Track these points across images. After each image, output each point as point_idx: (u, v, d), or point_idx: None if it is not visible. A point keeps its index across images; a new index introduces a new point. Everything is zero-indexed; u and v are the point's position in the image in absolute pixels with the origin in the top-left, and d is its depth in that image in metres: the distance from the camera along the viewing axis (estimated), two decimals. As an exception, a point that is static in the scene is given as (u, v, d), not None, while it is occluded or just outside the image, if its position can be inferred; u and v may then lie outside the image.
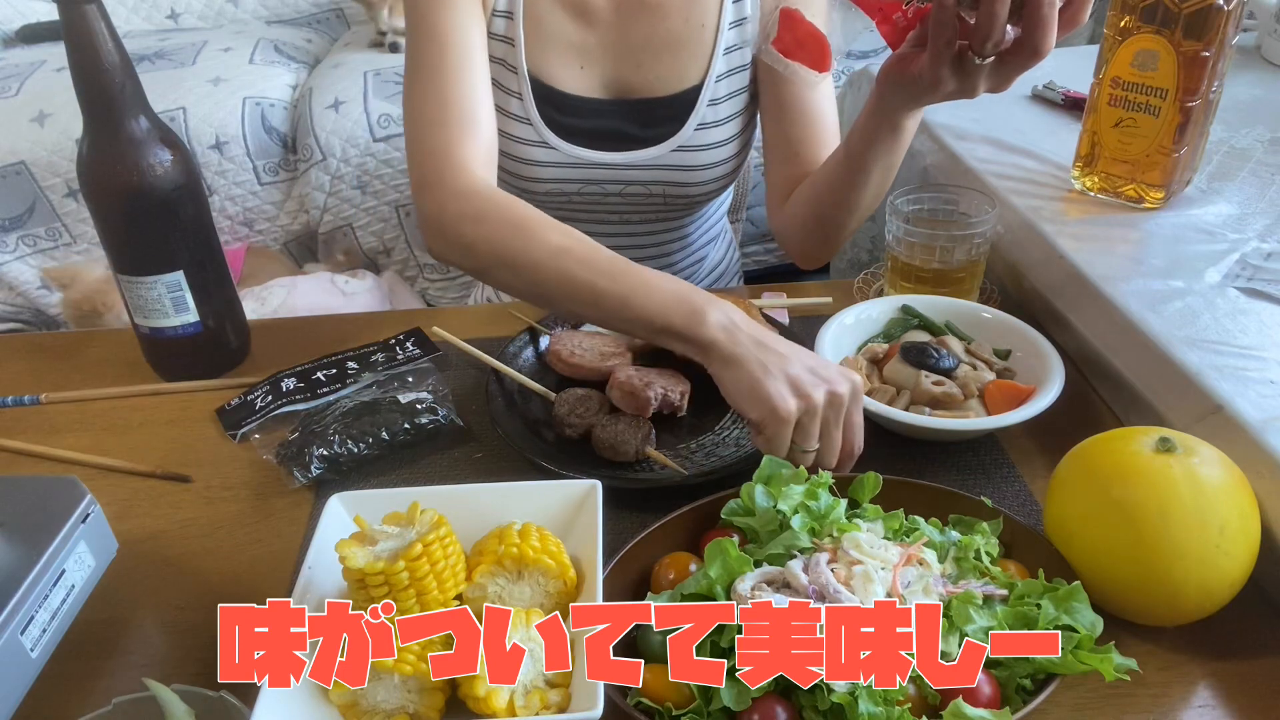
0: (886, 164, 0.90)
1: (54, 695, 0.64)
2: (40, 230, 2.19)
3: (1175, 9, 0.88)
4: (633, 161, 1.05)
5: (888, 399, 0.80)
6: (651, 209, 1.10)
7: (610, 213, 1.11)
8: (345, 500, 0.67)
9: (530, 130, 1.03)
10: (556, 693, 0.57)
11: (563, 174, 1.05)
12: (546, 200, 1.09)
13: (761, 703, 0.55)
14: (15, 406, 0.92)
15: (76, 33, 0.79)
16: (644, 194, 1.08)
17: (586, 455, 0.81)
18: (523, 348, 0.94)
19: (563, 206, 1.10)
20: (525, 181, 1.07)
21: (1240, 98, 1.22)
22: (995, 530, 0.66)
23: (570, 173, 1.05)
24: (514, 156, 1.05)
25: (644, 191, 1.07)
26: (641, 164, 1.05)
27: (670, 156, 1.04)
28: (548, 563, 0.61)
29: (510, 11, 1.01)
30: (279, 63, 2.40)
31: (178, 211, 0.86)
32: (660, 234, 1.16)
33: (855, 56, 2.35)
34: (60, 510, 0.70)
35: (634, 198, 1.08)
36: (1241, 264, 0.88)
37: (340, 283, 2.04)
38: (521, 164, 1.05)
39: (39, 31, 2.61)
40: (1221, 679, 0.62)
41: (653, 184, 1.06)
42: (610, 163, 1.05)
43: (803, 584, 0.58)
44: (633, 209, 1.10)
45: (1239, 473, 0.62)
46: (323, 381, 0.91)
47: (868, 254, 1.46)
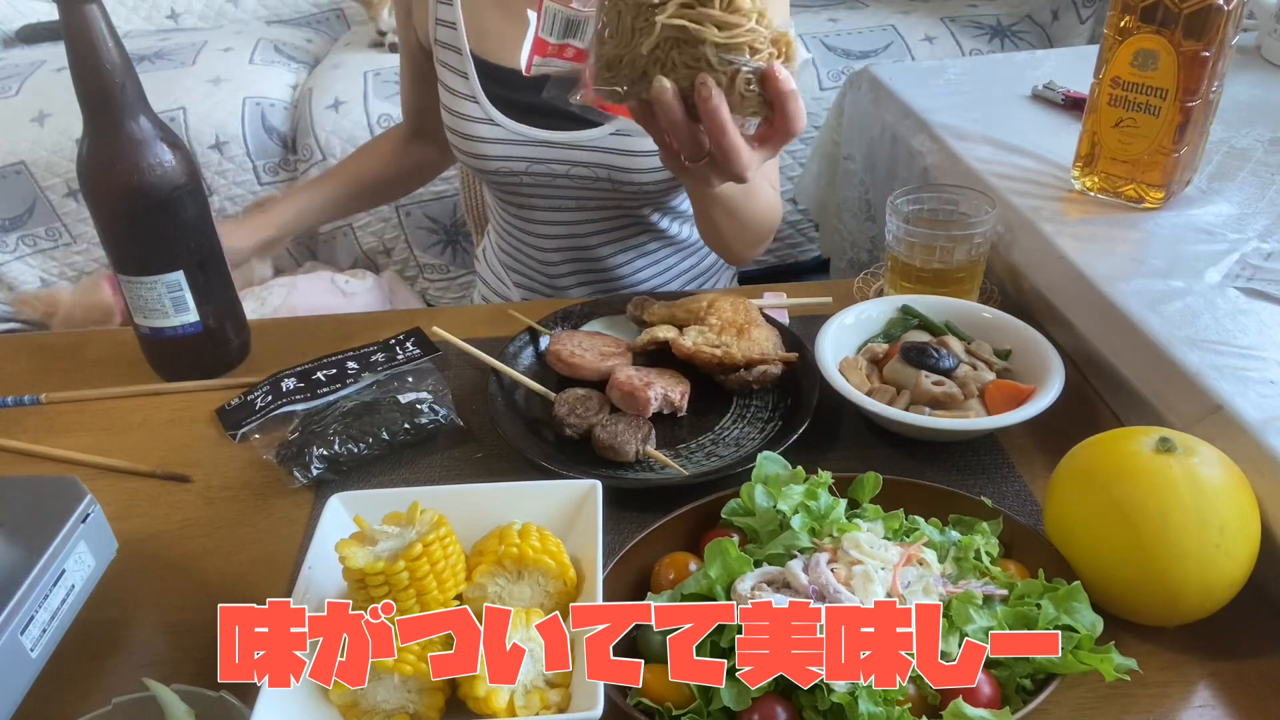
0: (727, 213, 0.95)
1: (54, 695, 0.64)
2: (40, 230, 2.19)
3: (1175, 9, 0.88)
4: (574, 141, 1.06)
5: (888, 399, 0.80)
6: (602, 194, 1.11)
7: (564, 197, 1.12)
8: (345, 500, 0.67)
9: (476, 108, 1.08)
10: (556, 693, 0.57)
11: (509, 151, 1.08)
12: (499, 180, 1.12)
13: (761, 703, 0.55)
14: (15, 406, 0.92)
15: (76, 33, 0.79)
16: (590, 177, 1.08)
17: (586, 455, 0.81)
18: (523, 348, 0.94)
19: (516, 189, 1.13)
20: (477, 160, 1.10)
21: (1240, 98, 1.22)
22: (995, 530, 0.66)
23: (516, 150, 1.08)
24: (464, 135, 1.09)
25: (589, 174, 1.08)
26: (582, 144, 1.06)
27: (610, 140, 1.05)
28: (548, 563, 0.61)
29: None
30: (279, 63, 2.40)
31: (178, 211, 0.86)
32: (627, 226, 1.16)
33: (855, 56, 2.35)
34: (60, 510, 0.70)
35: (582, 180, 1.09)
36: (1241, 264, 0.88)
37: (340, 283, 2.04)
38: (471, 141, 1.09)
39: (39, 31, 2.61)
40: (1221, 679, 0.62)
41: (597, 167, 1.07)
42: (553, 141, 1.06)
43: (803, 584, 0.58)
44: (585, 193, 1.11)
45: (1239, 473, 0.62)
46: (323, 381, 0.91)
47: (868, 254, 1.46)
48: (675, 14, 0.60)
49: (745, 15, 0.60)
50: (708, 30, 0.60)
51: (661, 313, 0.93)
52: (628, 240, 1.17)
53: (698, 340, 0.87)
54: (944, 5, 2.57)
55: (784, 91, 0.63)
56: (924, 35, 2.41)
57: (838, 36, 2.40)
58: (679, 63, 0.62)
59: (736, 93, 0.62)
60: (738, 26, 0.60)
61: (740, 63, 0.61)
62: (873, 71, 1.40)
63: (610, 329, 0.97)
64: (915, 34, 2.41)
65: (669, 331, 0.89)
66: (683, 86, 0.63)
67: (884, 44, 2.38)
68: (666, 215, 1.18)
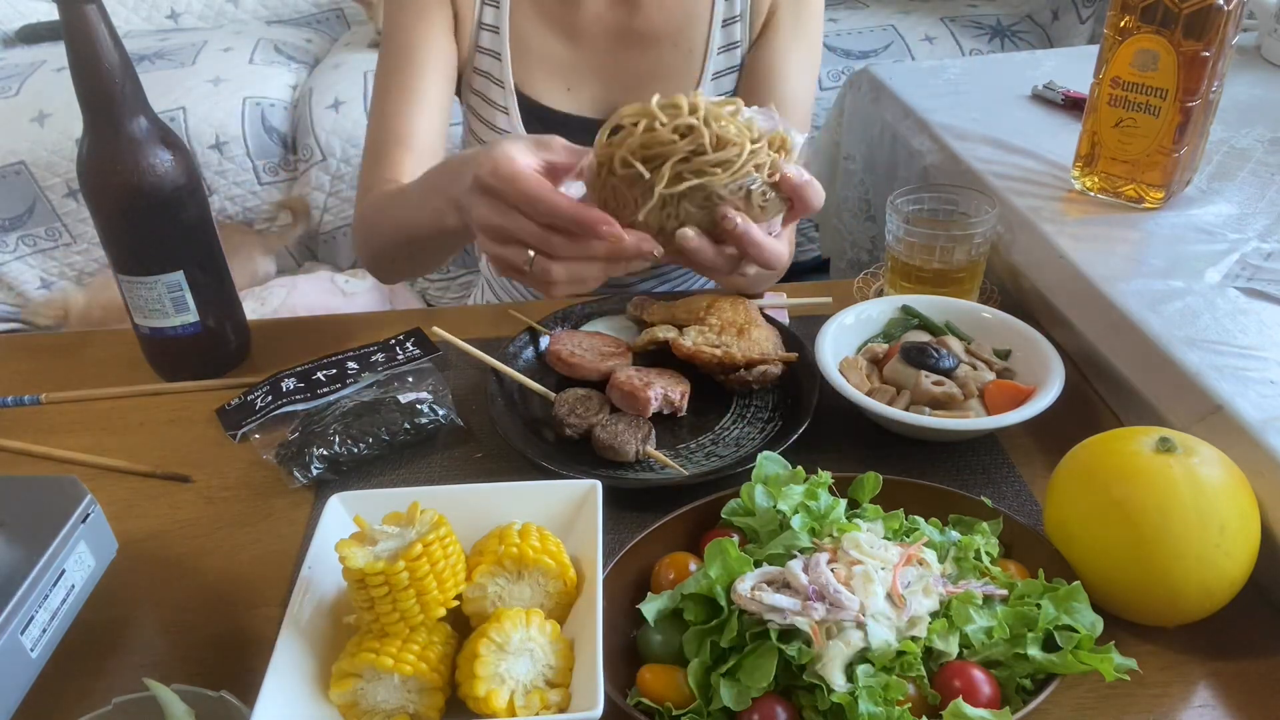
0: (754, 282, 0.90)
1: (54, 695, 0.64)
2: (40, 230, 2.19)
3: (1175, 9, 0.88)
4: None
5: (888, 399, 0.80)
6: None
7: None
8: (345, 500, 0.67)
9: None
10: (556, 693, 0.57)
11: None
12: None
13: (761, 703, 0.55)
14: (15, 406, 0.92)
15: (76, 33, 0.79)
16: None
17: (586, 455, 0.81)
18: (523, 348, 0.94)
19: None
20: None
21: (1240, 98, 1.22)
22: (995, 530, 0.66)
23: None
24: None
25: None
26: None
27: None
28: (548, 563, 0.61)
29: (496, 26, 1.01)
30: (279, 63, 2.40)
31: (178, 211, 0.86)
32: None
33: (855, 56, 2.35)
34: (60, 510, 0.70)
35: None
36: (1241, 264, 0.88)
37: (340, 283, 2.04)
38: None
39: (39, 31, 2.61)
40: (1221, 679, 0.62)
41: None
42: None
43: (803, 584, 0.58)
44: None
45: (1239, 473, 0.62)
46: (323, 381, 0.90)
47: (868, 254, 1.46)
48: (673, 179, 0.62)
49: (737, 144, 0.62)
50: (715, 179, 0.62)
51: (661, 313, 0.93)
52: (652, 269, 1.17)
53: (698, 340, 0.87)
54: (944, 5, 2.57)
55: (799, 185, 0.66)
56: (924, 35, 2.41)
57: (838, 36, 2.40)
58: (692, 207, 0.64)
59: (755, 208, 0.65)
60: (736, 160, 0.62)
61: (750, 183, 0.64)
62: (873, 71, 1.40)
63: (610, 329, 0.97)
64: (915, 34, 2.41)
65: (669, 331, 0.89)
66: (702, 226, 0.65)
67: (884, 44, 2.39)
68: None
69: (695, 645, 0.58)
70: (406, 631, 0.58)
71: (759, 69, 1.04)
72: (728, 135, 0.63)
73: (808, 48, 1.04)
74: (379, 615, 0.58)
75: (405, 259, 0.97)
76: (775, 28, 1.03)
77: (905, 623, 0.57)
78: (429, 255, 0.97)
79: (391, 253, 0.96)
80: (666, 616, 0.60)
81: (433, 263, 1.02)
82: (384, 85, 1.03)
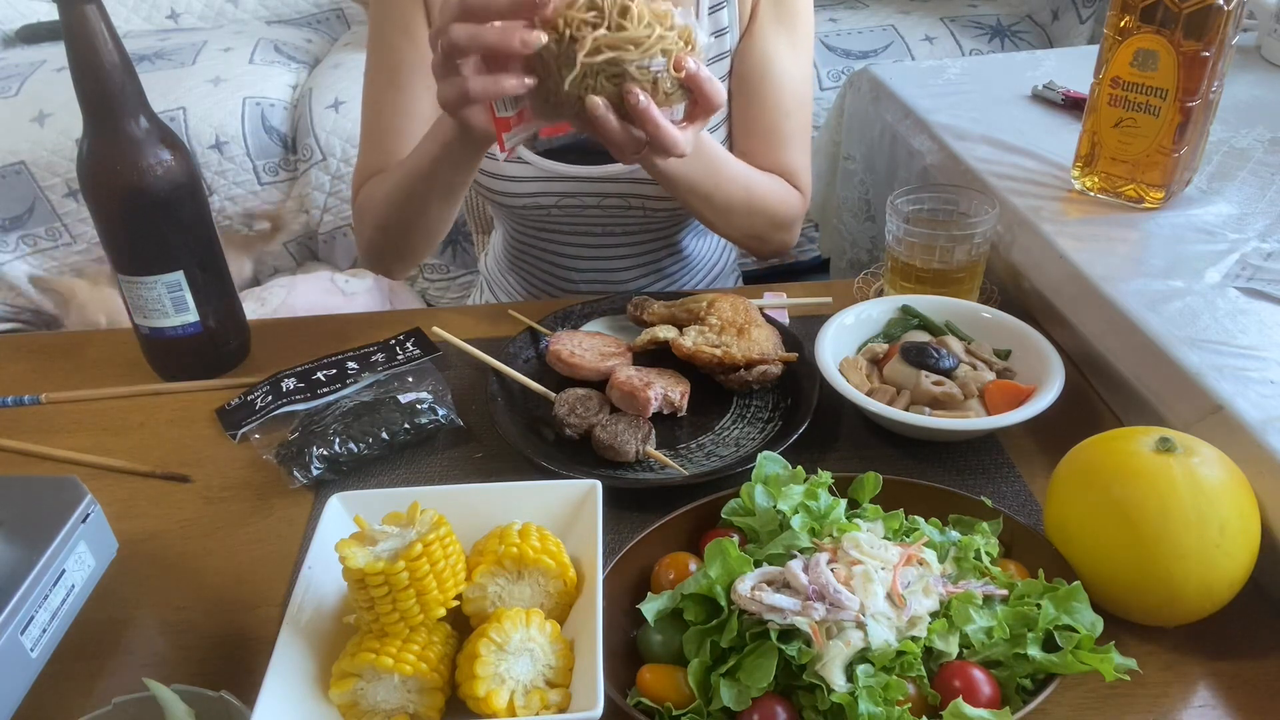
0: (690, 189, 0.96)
1: (54, 695, 0.64)
2: (40, 230, 2.19)
3: (1175, 9, 0.88)
4: (606, 174, 1.05)
5: (888, 399, 0.80)
6: (631, 221, 1.11)
7: (593, 225, 1.11)
8: (345, 500, 0.67)
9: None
10: (556, 693, 0.57)
11: (540, 188, 1.06)
12: (526, 214, 1.10)
13: (761, 703, 0.55)
14: (15, 406, 0.92)
15: (76, 33, 0.79)
16: (622, 206, 1.08)
17: (586, 455, 0.81)
18: (523, 348, 0.94)
19: (543, 221, 1.11)
20: (503, 196, 1.08)
21: (1240, 98, 1.22)
22: (995, 530, 0.66)
23: (547, 186, 1.06)
24: (491, 173, 1.06)
25: (621, 204, 1.07)
26: (616, 176, 1.05)
27: (641, 169, 1.04)
28: (548, 563, 0.61)
29: None
30: (279, 63, 2.40)
31: (178, 211, 0.86)
32: (650, 248, 1.16)
33: (855, 56, 2.35)
34: (60, 510, 0.70)
35: (612, 210, 1.08)
36: (1241, 264, 0.88)
37: (340, 282, 2.04)
38: (500, 180, 1.06)
39: (39, 31, 2.61)
40: (1221, 679, 0.62)
41: (630, 196, 1.07)
42: (585, 175, 1.05)
43: (803, 584, 0.58)
44: (615, 222, 1.10)
45: (1239, 473, 0.62)
46: (323, 381, 0.91)
47: (868, 254, 1.46)
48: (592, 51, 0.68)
49: (651, 27, 0.69)
50: (626, 54, 0.69)
51: (661, 313, 0.93)
52: (650, 264, 1.18)
53: (698, 340, 0.87)
54: (944, 5, 2.57)
55: (695, 76, 0.72)
56: (924, 35, 2.41)
57: (838, 36, 2.40)
58: (605, 81, 0.71)
59: (661, 92, 0.72)
60: (646, 40, 0.69)
61: (657, 67, 0.70)
62: (873, 71, 1.40)
63: (610, 329, 0.97)
64: (915, 34, 2.41)
65: (669, 331, 0.89)
66: (612, 99, 0.71)
67: (884, 44, 2.38)
68: (689, 232, 1.18)
69: (695, 645, 0.58)
70: (406, 631, 0.58)
71: (748, 56, 1.05)
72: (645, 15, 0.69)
73: (793, 31, 1.06)
74: (379, 615, 0.58)
75: (406, 226, 0.99)
76: (758, 16, 1.04)
77: (905, 623, 0.57)
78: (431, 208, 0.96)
79: (394, 216, 0.97)
80: (666, 616, 0.60)
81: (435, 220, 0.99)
82: (374, 105, 1.04)
